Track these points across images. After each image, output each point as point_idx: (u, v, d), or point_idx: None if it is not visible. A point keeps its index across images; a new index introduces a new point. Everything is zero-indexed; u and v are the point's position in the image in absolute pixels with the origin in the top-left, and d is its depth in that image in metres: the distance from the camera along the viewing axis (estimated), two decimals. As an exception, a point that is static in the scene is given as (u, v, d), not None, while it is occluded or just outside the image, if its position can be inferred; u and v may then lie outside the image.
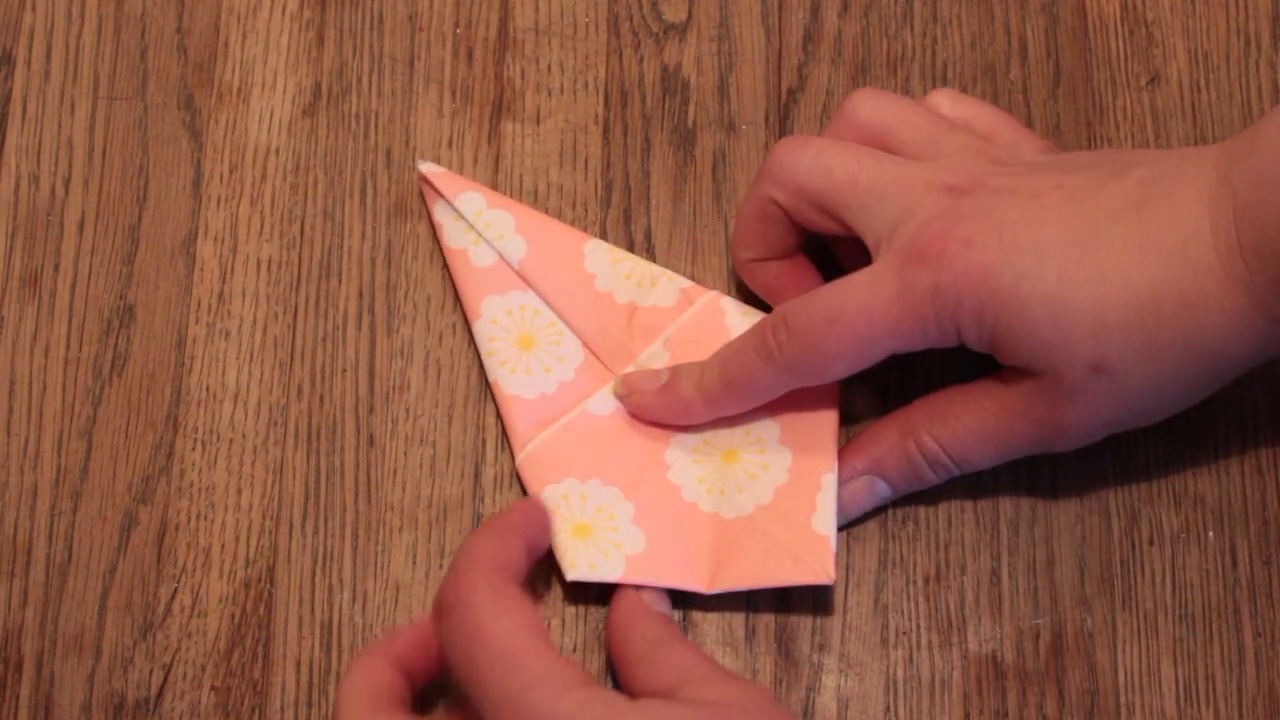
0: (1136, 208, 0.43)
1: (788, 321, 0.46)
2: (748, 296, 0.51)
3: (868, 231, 0.46)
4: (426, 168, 0.52)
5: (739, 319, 0.50)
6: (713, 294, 0.51)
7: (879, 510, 0.49)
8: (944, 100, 0.50)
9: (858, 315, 0.44)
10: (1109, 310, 0.42)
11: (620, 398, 0.50)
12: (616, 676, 0.46)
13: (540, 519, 0.46)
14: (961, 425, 0.47)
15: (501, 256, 0.51)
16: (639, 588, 0.47)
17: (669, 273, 0.51)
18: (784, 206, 0.47)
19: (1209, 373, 0.44)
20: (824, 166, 0.46)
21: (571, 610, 0.49)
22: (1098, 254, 0.43)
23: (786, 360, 0.46)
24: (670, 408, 0.49)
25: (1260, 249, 0.41)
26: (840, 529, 0.48)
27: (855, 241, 0.47)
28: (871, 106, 0.48)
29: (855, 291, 0.45)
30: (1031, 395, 0.45)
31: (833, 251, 0.51)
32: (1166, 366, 0.43)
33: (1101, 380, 0.43)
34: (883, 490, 0.48)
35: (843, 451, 0.48)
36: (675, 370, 0.49)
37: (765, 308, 0.51)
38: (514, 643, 0.40)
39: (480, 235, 0.51)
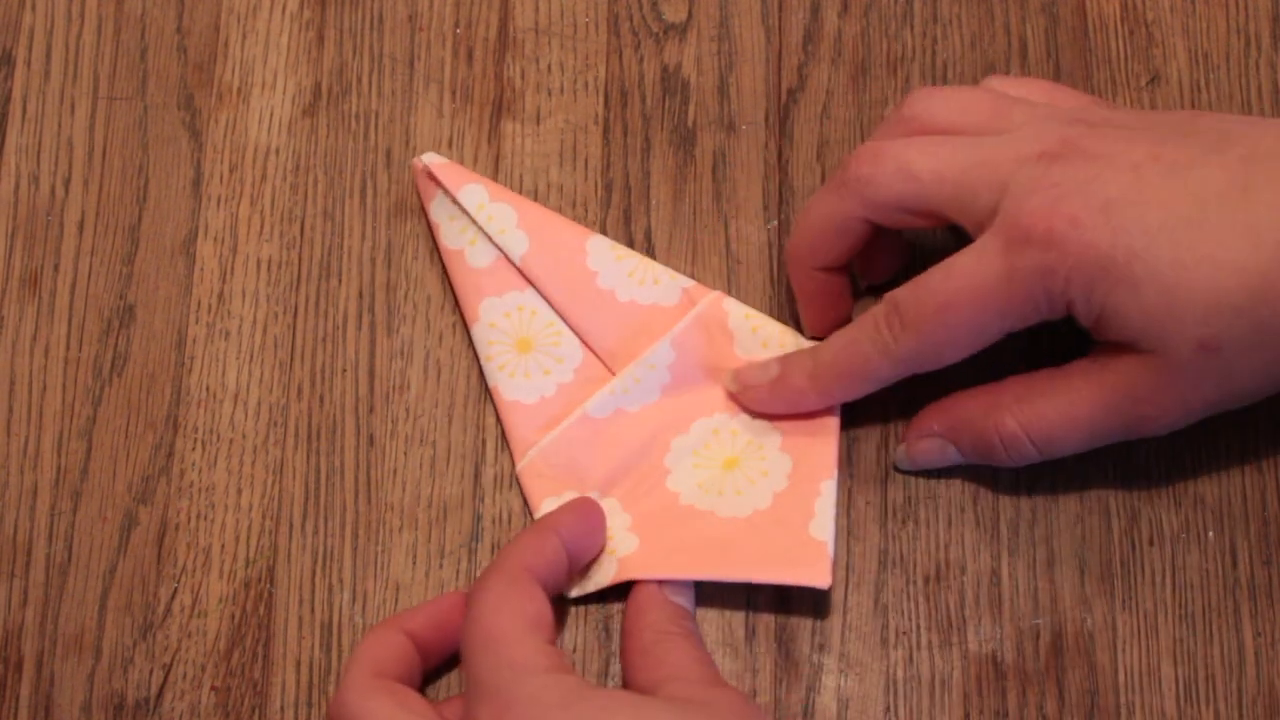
0: (1243, 189, 0.42)
1: (900, 313, 0.45)
2: (748, 298, 0.51)
3: (966, 219, 0.45)
4: (429, 158, 0.52)
5: (742, 321, 0.50)
6: (715, 294, 0.51)
7: (879, 510, 0.49)
8: (995, 82, 0.49)
9: (969, 301, 0.44)
10: (1222, 292, 0.42)
11: (734, 393, 0.50)
12: (622, 667, 0.46)
13: (590, 522, 0.47)
14: (1052, 407, 0.46)
15: (503, 252, 0.51)
16: (662, 582, 0.47)
17: (671, 271, 0.51)
18: (871, 220, 0.47)
19: None
20: (908, 173, 0.46)
21: (573, 611, 0.49)
22: (1209, 236, 0.42)
23: (903, 351, 0.46)
24: (783, 400, 0.49)
25: None
26: (908, 472, 0.50)
27: (878, 253, 0.49)
28: (930, 102, 0.48)
29: (963, 277, 0.44)
30: (1134, 374, 0.44)
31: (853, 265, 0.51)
32: (1274, 348, 0.43)
33: (1210, 359, 0.43)
34: (953, 455, 0.49)
35: (923, 410, 0.49)
36: (785, 363, 0.49)
37: (763, 310, 0.51)
38: (504, 629, 0.42)
39: (481, 230, 0.51)
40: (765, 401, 0.49)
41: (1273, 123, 0.45)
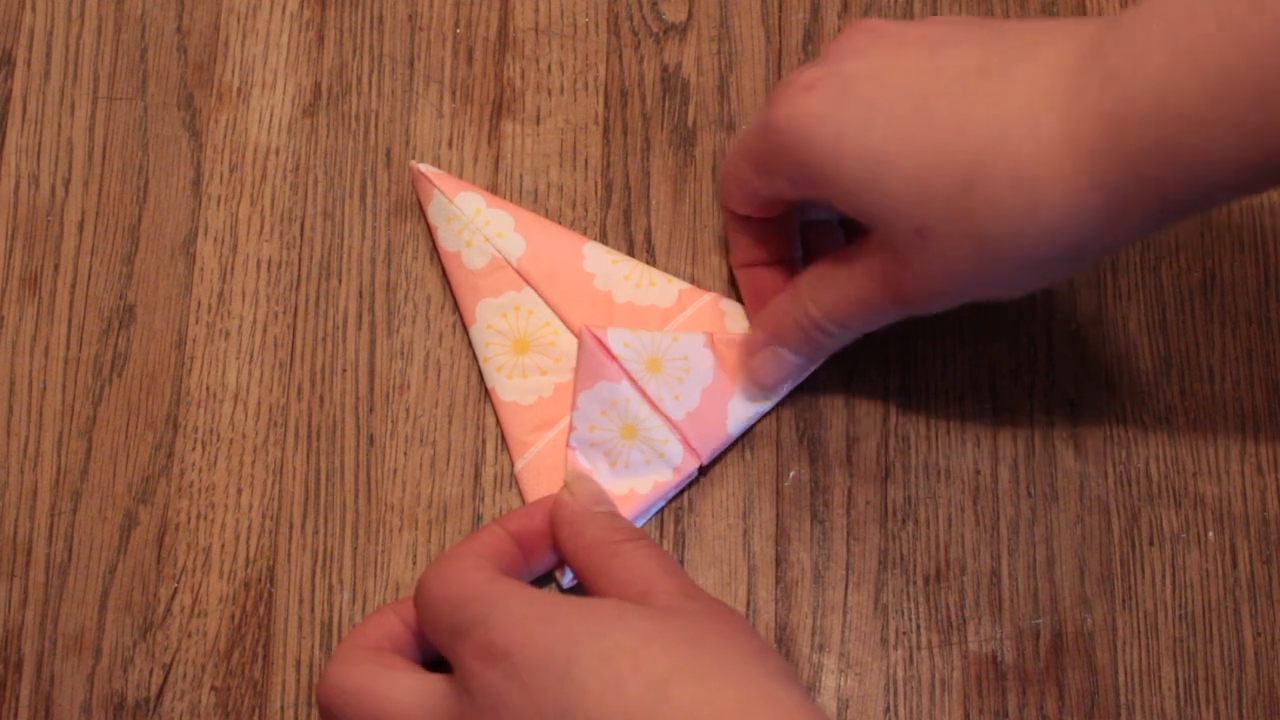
0: (999, 69, 0.40)
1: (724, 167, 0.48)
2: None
3: None
4: (424, 168, 0.52)
5: (739, 321, 0.50)
6: (712, 295, 0.51)
7: (879, 510, 0.49)
8: None
9: (737, 148, 0.47)
10: (930, 176, 0.40)
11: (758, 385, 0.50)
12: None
13: (539, 522, 0.47)
14: (839, 290, 0.46)
15: (500, 253, 0.51)
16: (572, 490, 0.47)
17: (667, 275, 0.51)
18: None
19: (1049, 255, 0.41)
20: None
21: (571, 610, 0.49)
22: (932, 115, 0.41)
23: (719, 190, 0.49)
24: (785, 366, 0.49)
25: (1121, 120, 0.38)
26: (769, 410, 0.50)
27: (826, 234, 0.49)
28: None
29: (736, 142, 0.47)
30: (880, 254, 0.44)
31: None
32: (993, 242, 0.41)
33: (928, 245, 0.42)
34: (789, 358, 0.48)
35: (751, 327, 0.50)
36: (770, 335, 0.49)
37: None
38: (459, 579, 0.42)
39: (478, 232, 0.51)
40: (777, 369, 0.50)
41: (1078, 19, 0.43)
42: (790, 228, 0.50)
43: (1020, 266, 0.41)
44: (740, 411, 0.49)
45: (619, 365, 0.49)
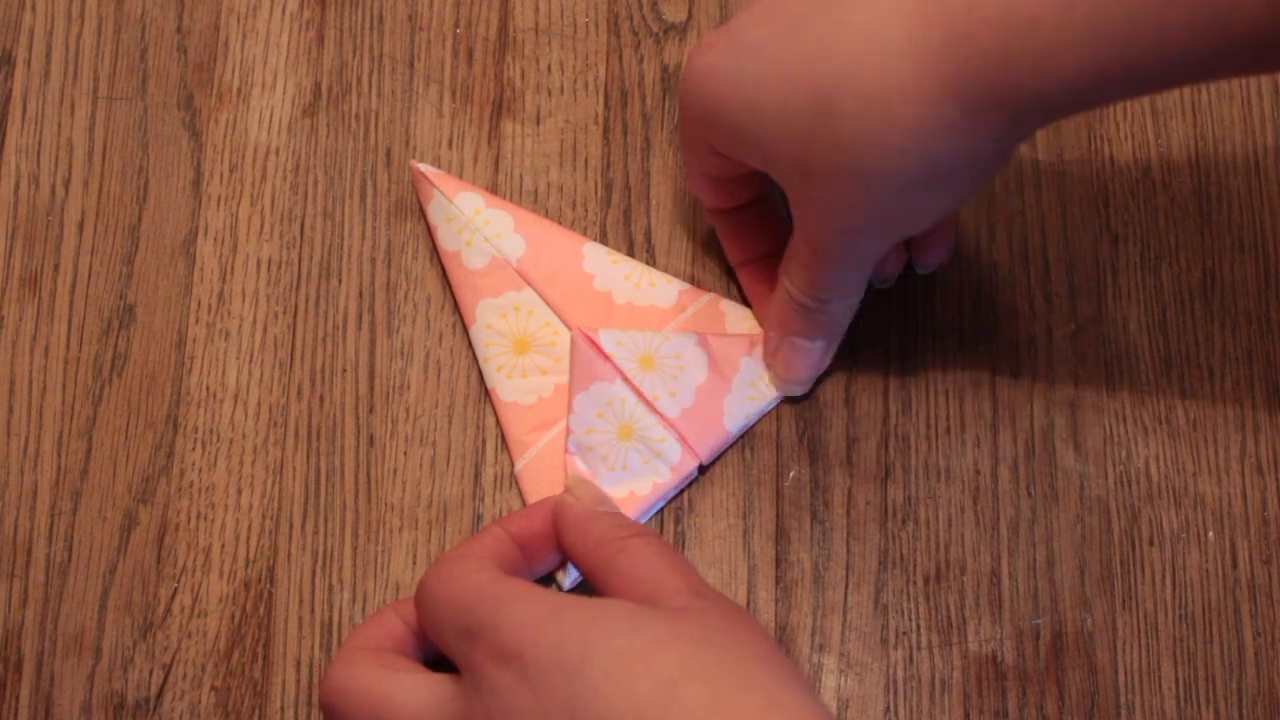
0: (829, 8, 0.41)
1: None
2: (746, 300, 0.51)
3: None
4: (424, 168, 0.52)
5: (738, 321, 0.50)
6: (711, 296, 0.51)
7: (879, 510, 0.49)
8: None
9: (682, 152, 0.48)
10: (796, 109, 0.41)
11: (775, 372, 0.50)
12: None
13: (541, 523, 0.46)
14: (795, 259, 0.47)
15: (500, 255, 0.51)
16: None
17: (667, 275, 0.51)
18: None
19: (916, 172, 0.40)
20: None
21: (571, 610, 0.49)
22: (797, 46, 0.41)
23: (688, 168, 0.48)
24: (798, 350, 0.49)
25: (966, 27, 0.38)
26: (768, 409, 0.50)
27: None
28: None
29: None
30: (792, 206, 0.44)
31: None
32: (862, 166, 0.40)
33: (812, 183, 0.42)
34: (804, 344, 0.49)
35: (763, 327, 0.50)
36: (777, 328, 0.49)
37: (765, 308, 0.51)
38: (462, 583, 0.41)
39: (477, 231, 0.51)
40: (799, 361, 0.50)
41: None
42: (775, 217, 0.50)
43: (898, 189, 0.41)
44: (737, 409, 0.49)
45: (612, 365, 0.49)
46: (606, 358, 0.49)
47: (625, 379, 0.49)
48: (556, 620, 0.39)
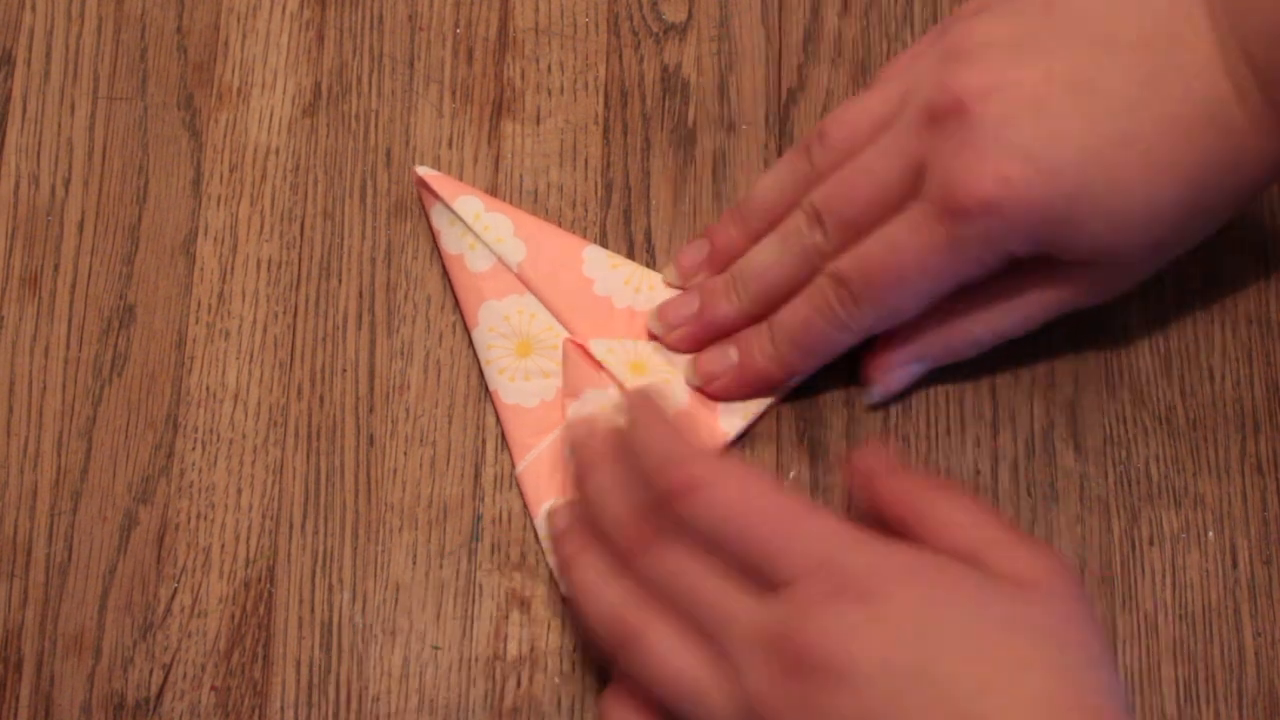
0: (1148, 85, 0.43)
1: (851, 290, 0.46)
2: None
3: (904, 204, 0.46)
4: (423, 171, 0.52)
5: None
6: None
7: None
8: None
9: (918, 274, 0.45)
10: (1163, 198, 0.43)
11: (698, 386, 0.49)
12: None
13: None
14: (1010, 312, 0.47)
15: (500, 260, 0.51)
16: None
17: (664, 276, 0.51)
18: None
19: (1248, 200, 0.45)
20: (841, 224, 0.46)
21: (571, 609, 0.49)
22: (1137, 149, 0.42)
23: (862, 325, 0.47)
24: (748, 383, 0.49)
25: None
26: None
27: None
28: (839, 135, 0.48)
29: (908, 251, 0.45)
30: (1084, 280, 0.46)
31: None
32: (1211, 219, 0.45)
33: (1157, 253, 0.46)
34: (918, 370, 0.49)
35: (880, 349, 0.49)
36: (742, 346, 0.49)
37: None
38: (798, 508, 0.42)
39: (478, 238, 0.51)
40: (731, 388, 0.49)
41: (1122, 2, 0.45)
42: None
43: (1227, 220, 0.46)
44: (732, 412, 0.49)
45: (606, 372, 0.49)
46: (598, 365, 0.49)
47: (619, 384, 0.49)
48: (910, 572, 0.41)
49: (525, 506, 0.49)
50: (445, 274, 0.52)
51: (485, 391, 0.51)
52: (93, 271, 0.52)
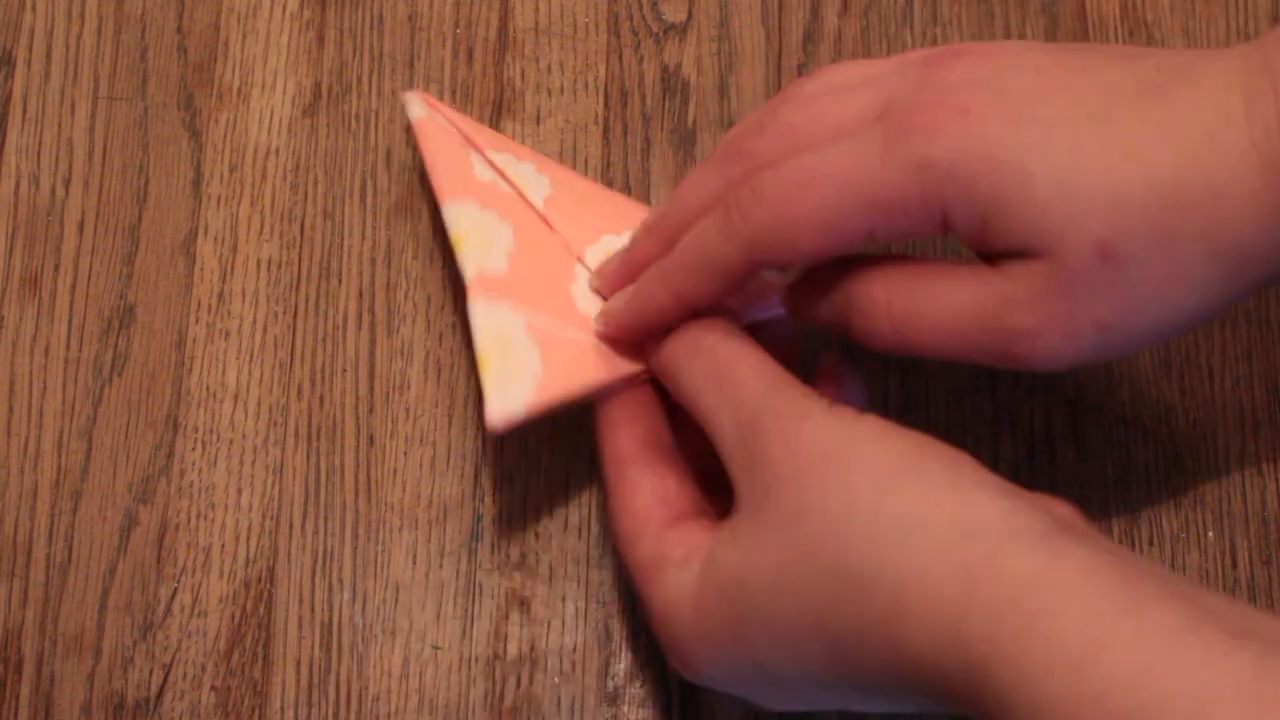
0: (1157, 89, 0.39)
1: (755, 188, 0.41)
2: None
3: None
4: (415, 110, 0.51)
5: None
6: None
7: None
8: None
9: (833, 179, 0.40)
10: (1127, 188, 0.38)
11: (600, 330, 0.46)
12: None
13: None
14: (926, 289, 0.41)
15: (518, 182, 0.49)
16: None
17: None
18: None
19: (1225, 279, 0.39)
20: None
21: (573, 610, 0.49)
22: (1116, 129, 0.39)
23: (751, 231, 0.41)
24: (643, 314, 0.45)
25: None
26: None
27: None
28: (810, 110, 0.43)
29: (834, 157, 0.40)
30: (1020, 279, 0.39)
31: None
32: (1182, 262, 0.38)
33: (1107, 268, 0.38)
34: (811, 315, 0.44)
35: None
36: (642, 277, 0.45)
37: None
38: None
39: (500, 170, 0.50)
40: (630, 324, 0.45)
41: (1195, 49, 0.42)
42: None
43: (1194, 297, 0.39)
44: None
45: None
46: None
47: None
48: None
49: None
50: (446, 274, 0.52)
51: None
52: (93, 271, 0.52)
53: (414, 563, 0.49)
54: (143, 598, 0.49)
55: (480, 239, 0.48)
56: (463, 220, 0.48)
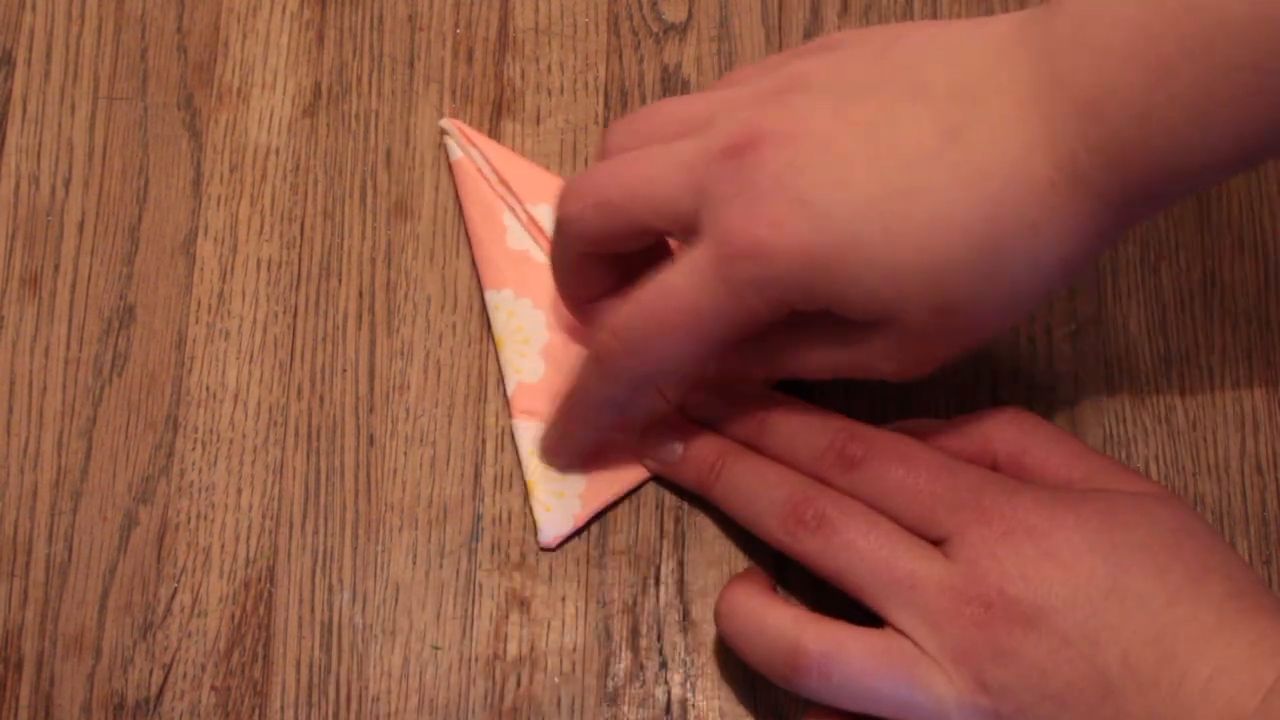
0: (951, 136, 0.40)
1: (620, 339, 0.44)
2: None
3: (678, 229, 0.43)
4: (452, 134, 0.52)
5: None
6: None
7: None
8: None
9: (688, 320, 0.42)
10: (946, 252, 0.40)
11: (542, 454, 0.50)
12: None
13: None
14: (791, 357, 0.45)
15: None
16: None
17: None
18: (600, 251, 0.45)
19: (1059, 280, 0.42)
20: (602, 200, 0.43)
21: (574, 610, 0.49)
22: (922, 201, 0.40)
23: (633, 379, 0.45)
24: (582, 451, 0.49)
25: (1112, 144, 0.38)
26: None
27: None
28: (630, 126, 0.45)
29: (678, 296, 0.42)
30: (873, 344, 0.43)
31: None
32: (1011, 289, 0.41)
33: (945, 319, 0.41)
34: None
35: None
36: (556, 422, 0.49)
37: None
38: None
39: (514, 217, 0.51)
40: (577, 456, 0.49)
41: (964, 24, 0.42)
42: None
43: (1028, 304, 0.43)
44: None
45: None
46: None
47: None
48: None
49: (517, 456, 0.50)
50: (445, 274, 0.52)
51: (485, 392, 0.51)
52: (93, 271, 0.52)
53: (414, 563, 0.49)
54: (143, 598, 0.49)
55: (517, 342, 0.50)
56: (499, 315, 0.51)
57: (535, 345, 0.50)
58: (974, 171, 0.40)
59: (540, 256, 0.51)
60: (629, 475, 0.49)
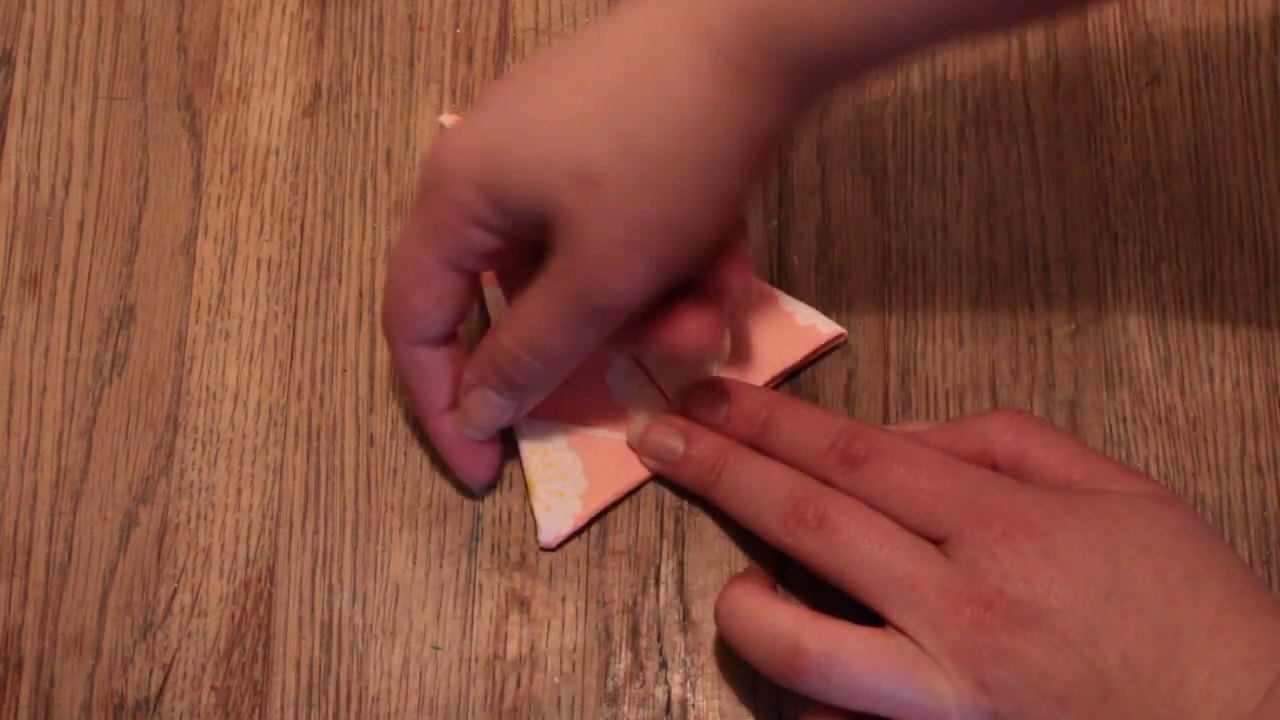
0: (602, 25, 0.43)
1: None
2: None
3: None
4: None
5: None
6: None
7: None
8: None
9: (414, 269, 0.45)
10: (577, 115, 0.41)
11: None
12: None
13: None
14: (524, 310, 0.44)
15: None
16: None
17: None
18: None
19: (710, 149, 0.41)
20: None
21: (574, 610, 0.49)
22: (566, 76, 0.42)
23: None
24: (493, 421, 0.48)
25: (741, 8, 0.40)
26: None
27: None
28: None
29: (406, 245, 0.45)
30: (556, 253, 0.42)
31: None
32: (656, 158, 0.41)
33: (594, 195, 0.41)
34: (495, 399, 0.47)
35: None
36: (475, 372, 0.48)
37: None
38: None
39: None
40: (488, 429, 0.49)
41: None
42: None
43: (681, 173, 0.41)
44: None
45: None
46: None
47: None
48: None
49: (528, 499, 0.50)
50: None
51: (485, 391, 0.51)
52: (93, 271, 0.52)
53: (414, 563, 0.49)
54: (143, 598, 0.49)
55: None
56: (498, 313, 0.50)
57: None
58: (609, 44, 0.42)
59: None
60: (629, 475, 0.49)
